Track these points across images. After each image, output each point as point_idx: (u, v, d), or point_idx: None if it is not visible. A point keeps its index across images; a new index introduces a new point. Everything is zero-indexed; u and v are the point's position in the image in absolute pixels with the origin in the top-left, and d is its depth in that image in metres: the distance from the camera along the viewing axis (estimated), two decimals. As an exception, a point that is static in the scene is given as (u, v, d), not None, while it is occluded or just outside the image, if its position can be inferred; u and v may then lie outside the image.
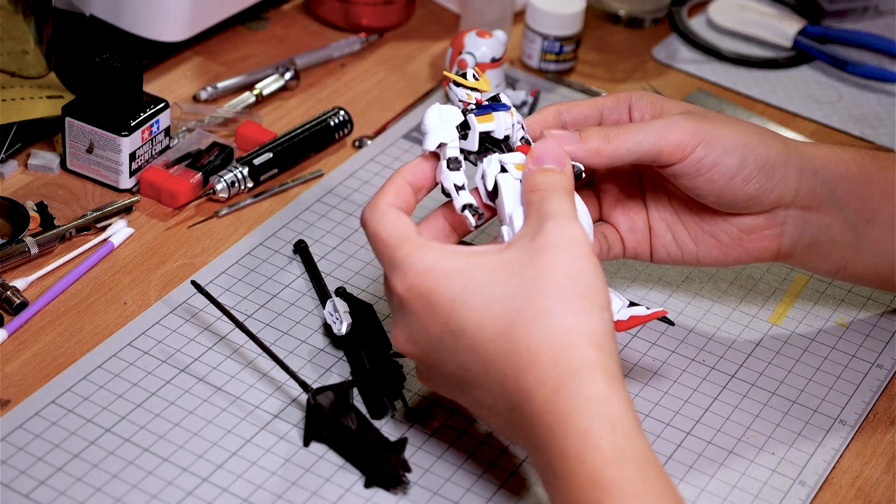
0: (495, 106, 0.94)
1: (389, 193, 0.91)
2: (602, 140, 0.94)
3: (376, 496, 0.92)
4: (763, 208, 0.99)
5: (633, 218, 1.02)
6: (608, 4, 1.47)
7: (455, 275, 0.86)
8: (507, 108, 0.94)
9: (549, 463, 0.82)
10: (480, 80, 0.95)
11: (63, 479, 0.91)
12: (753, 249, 1.01)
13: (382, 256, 0.89)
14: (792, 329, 1.10)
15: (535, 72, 1.37)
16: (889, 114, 1.37)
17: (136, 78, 1.13)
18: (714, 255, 1.01)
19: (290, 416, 0.97)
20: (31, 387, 0.97)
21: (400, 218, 0.90)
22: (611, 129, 0.95)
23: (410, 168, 0.93)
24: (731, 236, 1.01)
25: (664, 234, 1.02)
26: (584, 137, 0.94)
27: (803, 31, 1.44)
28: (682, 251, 1.02)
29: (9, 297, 1.03)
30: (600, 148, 0.94)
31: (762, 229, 1.00)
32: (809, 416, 1.02)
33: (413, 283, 0.87)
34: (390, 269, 0.88)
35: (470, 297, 0.85)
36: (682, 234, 1.01)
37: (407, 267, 0.87)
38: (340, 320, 1.01)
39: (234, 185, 1.15)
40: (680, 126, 0.95)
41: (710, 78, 1.40)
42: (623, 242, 1.02)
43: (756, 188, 0.97)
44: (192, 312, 1.04)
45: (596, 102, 0.99)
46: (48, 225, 1.10)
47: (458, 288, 0.86)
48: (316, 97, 1.30)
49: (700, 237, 1.01)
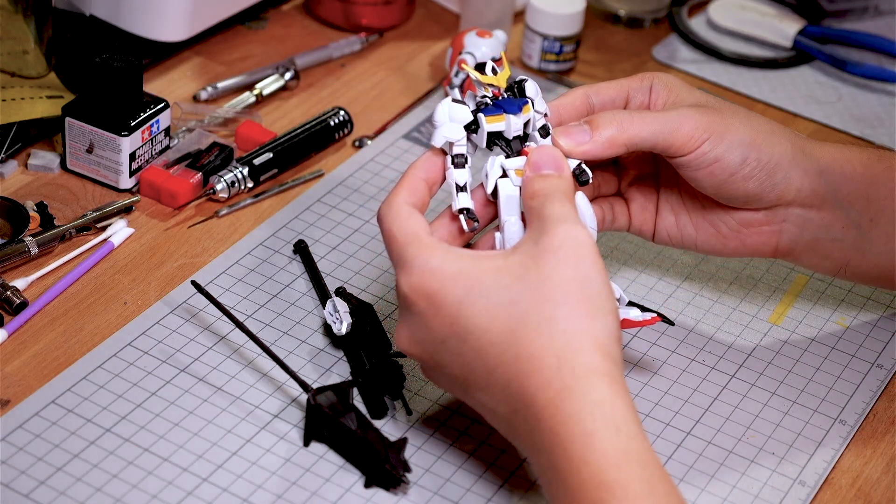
0: (508, 107, 0.93)
1: (404, 190, 0.91)
2: (617, 130, 0.94)
3: (376, 496, 0.92)
4: (762, 205, 0.99)
5: (646, 196, 1.03)
6: (608, 4, 1.47)
7: (460, 277, 0.86)
8: (520, 107, 0.93)
9: (553, 465, 0.82)
10: (500, 73, 0.94)
11: (63, 479, 0.91)
12: (751, 243, 1.01)
13: (392, 254, 0.89)
14: (792, 329, 1.10)
15: (535, 72, 1.37)
16: (889, 114, 1.37)
17: (136, 78, 1.13)
18: (712, 244, 1.02)
19: (290, 416, 0.97)
20: (31, 387, 0.97)
21: (413, 216, 0.90)
22: (623, 118, 0.95)
23: (423, 163, 0.93)
24: (730, 228, 1.01)
25: (668, 216, 1.02)
26: (596, 127, 0.94)
27: (803, 31, 1.44)
28: (682, 235, 1.03)
29: (9, 297, 1.03)
30: (615, 137, 0.95)
31: (761, 224, 1.01)
32: (809, 416, 1.02)
33: (418, 283, 0.87)
34: (399, 268, 0.89)
35: (475, 300, 0.85)
36: (684, 219, 1.02)
37: (413, 266, 0.87)
38: (340, 320, 1.01)
39: (234, 185, 1.15)
40: (691, 119, 0.96)
41: (710, 78, 1.40)
42: (630, 217, 1.03)
43: (755, 186, 0.98)
44: (192, 312, 1.04)
45: (622, 85, 0.99)
46: (48, 225, 1.09)
47: (463, 290, 0.86)
48: (316, 97, 1.30)
49: (700, 224, 1.02)
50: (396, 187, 0.92)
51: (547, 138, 0.94)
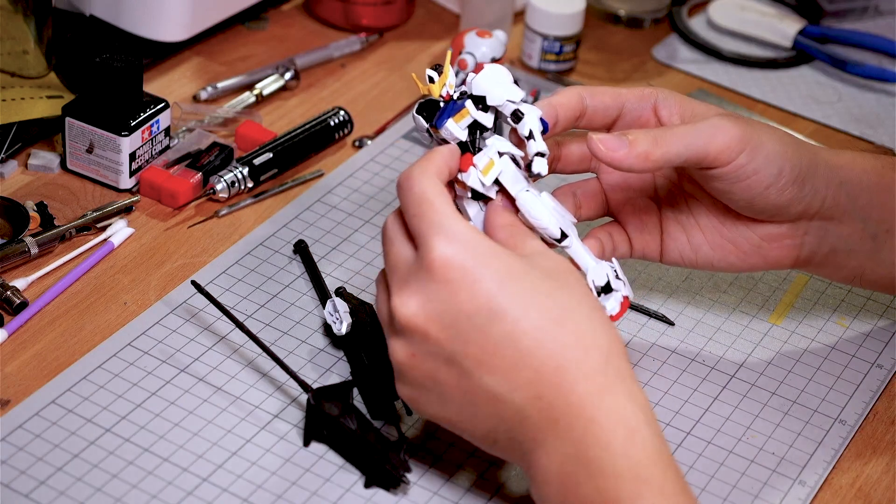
0: (439, 119, 0.91)
1: (434, 166, 0.89)
2: (651, 144, 0.92)
3: (376, 496, 0.92)
4: (789, 218, 0.98)
5: (643, 217, 1.00)
6: (608, 4, 1.47)
7: (504, 256, 0.85)
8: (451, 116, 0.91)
9: (582, 454, 0.83)
10: (437, 81, 0.92)
11: (63, 479, 0.91)
12: (772, 257, 1.00)
13: (425, 217, 0.86)
14: (792, 329, 1.10)
15: (535, 72, 1.37)
16: (889, 114, 1.37)
17: (136, 78, 1.13)
18: (730, 261, 1.00)
19: (290, 416, 0.97)
20: (31, 387, 0.97)
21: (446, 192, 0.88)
22: (658, 133, 0.93)
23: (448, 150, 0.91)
24: (752, 243, 0.99)
25: (678, 235, 1.00)
26: (633, 142, 0.92)
27: (803, 31, 1.44)
28: (696, 254, 1.00)
29: (9, 297, 1.03)
30: (650, 152, 0.92)
31: (783, 238, 0.99)
32: (809, 416, 1.02)
33: (461, 252, 0.85)
34: (434, 232, 0.85)
35: (516, 282, 0.85)
36: (698, 238, 1.00)
37: (456, 233, 0.85)
38: (340, 320, 1.01)
39: (234, 185, 1.15)
40: (726, 130, 0.93)
41: (710, 78, 1.40)
42: (630, 242, 1.01)
43: (788, 198, 0.96)
44: (192, 312, 1.04)
45: (619, 94, 0.97)
46: (48, 225, 1.10)
47: (506, 270, 0.85)
48: (316, 97, 1.30)
49: (718, 242, 1.00)
50: (427, 160, 0.89)
51: (519, 123, 0.92)
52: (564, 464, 0.84)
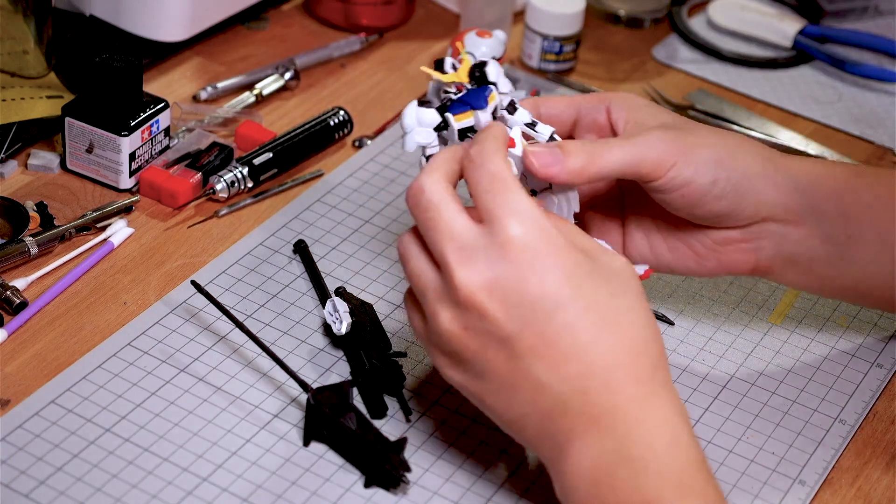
0: (475, 101, 0.92)
1: (504, 148, 0.89)
2: (585, 159, 0.93)
3: (376, 496, 0.92)
4: (737, 223, 0.98)
5: (606, 218, 1.02)
6: (608, 4, 1.47)
7: (573, 250, 0.86)
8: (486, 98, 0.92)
9: (627, 449, 0.84)
10: (460, 68, 0.94)
11: (63, 479, 0.91)
12: (728, 262, 1.00)
13: (500, 195, 0.85)
14: (792, 329, 1.10)
15: (535, 72, 1.37)
16: (889, 114, 1.37)
17: (136, 78, 1.14)
18: (688, 265, 1.01)
19: (290, 416, 0.97)
20: (31, 387, 0.97)
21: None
22: (593, 147, 0.93)
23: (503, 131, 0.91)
24: (706, 247, 1.00)
25: (639, 239, 1.01)
26: (567, 154, 0.92)
27: (803, 31, 1.44)
28: (656, 258, 1.01)
29: (9, 297, 1.03)
30: (584, 167, 0.93)
31: (738, 242, 0.99)
32: (809, 415, 1.02)
33: (536, 236, 0.85)
34: (510, 211, 0.85)
35: (585, 278, 0.85)
36: (657, 241, 1.01)
37: (534, 218, 0.85)
38: (340, 320, 1.01)
39: (233, 185, 1.15)
40: (658, 144, 0.94)
41: (710, 78, 1.40)
42: None
43: (727, 205, 0.97)
44: (191, 312, 1.04)
45: (573, 101, 0.98)
46: (48, 225, 1.10)
47: (574, 263, 0.85)
48: (316, 97, 1.30)
49: (675, 245, 1.01)
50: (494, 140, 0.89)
51: (515, 114, 0.93)
52: (602, 458, 0.84)
